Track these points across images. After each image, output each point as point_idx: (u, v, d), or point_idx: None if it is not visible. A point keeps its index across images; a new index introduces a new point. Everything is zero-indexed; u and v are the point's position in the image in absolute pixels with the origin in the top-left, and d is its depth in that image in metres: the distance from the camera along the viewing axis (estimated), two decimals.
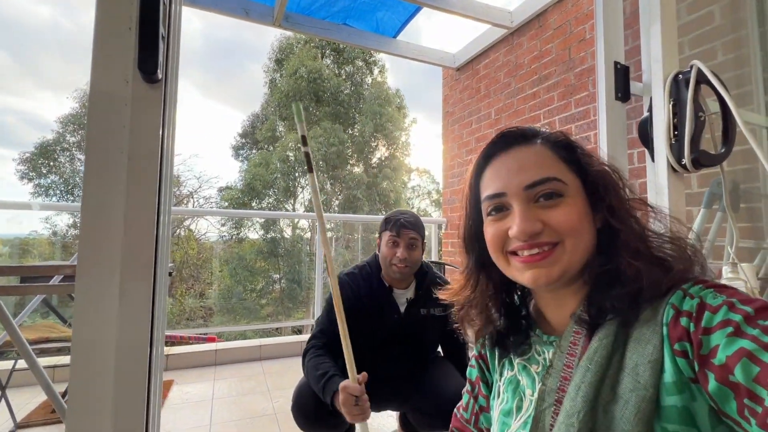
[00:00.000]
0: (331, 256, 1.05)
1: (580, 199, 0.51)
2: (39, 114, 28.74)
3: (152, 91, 0.41)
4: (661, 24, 0.75)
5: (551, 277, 0.49)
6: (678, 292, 0.44)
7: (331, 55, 15.36)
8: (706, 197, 1.13)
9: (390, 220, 1.38)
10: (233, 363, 2.86)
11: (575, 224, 0.49)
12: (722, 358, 0.37)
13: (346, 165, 15.11)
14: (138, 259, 0.44)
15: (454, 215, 3.72)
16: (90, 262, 0.45)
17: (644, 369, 0.42)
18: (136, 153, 0.40)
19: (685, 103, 0.70)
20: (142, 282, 0.46)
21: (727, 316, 0.38)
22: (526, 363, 0.57)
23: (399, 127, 16.02)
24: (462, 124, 3.66)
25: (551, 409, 0.48)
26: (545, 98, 2.75)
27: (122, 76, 0.39)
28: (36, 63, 28.52)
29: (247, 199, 14.00)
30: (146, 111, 0.40)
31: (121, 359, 0.45)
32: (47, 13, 31.01)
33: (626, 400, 0.42)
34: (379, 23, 3.29)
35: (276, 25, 2.93)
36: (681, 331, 0.41)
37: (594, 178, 0.52)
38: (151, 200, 0.42)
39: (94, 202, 0.40)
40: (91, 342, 0.46)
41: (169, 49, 0.43)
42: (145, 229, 0.43)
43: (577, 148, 0.54)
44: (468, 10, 2.87)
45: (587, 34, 2.46)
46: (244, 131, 16.11)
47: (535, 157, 0.52)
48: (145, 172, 0.41)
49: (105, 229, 0.42)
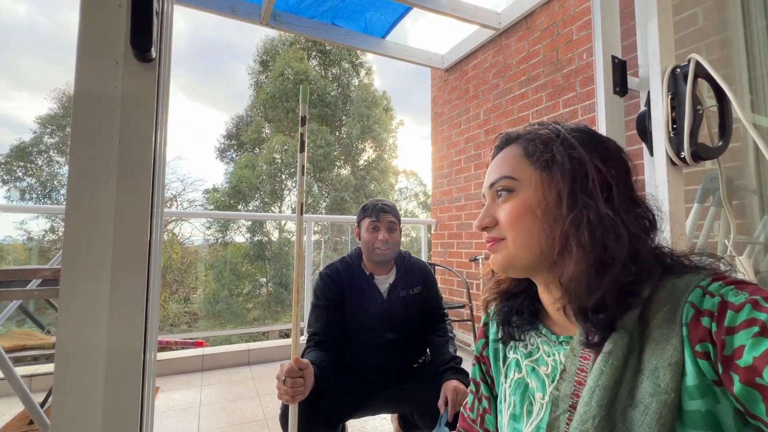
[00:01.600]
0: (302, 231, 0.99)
1: (532, 195, 0.51)
2: (15, 114, 27.82)
3: (146, 70, 0.38)
4: (658, 18, 0.75)
5: (497, 265, 0.55)
6: (697, 289, 0.42)
7: (317, 56, 15.30)
8: (700, 192, 1.15)
9: (368, 207, 1.43)
10: (221, 368, 2.79)
11: (513, 220, 0.52)
12: (749, 360, 0.35)
13: (333, 167, 15.05)
14: (131, 256, 0.40)
15: (443, 216, 3.72)
16: (77, 260, 0.41)
17: (664, 372, 0.40)
18: (128, 138, 0.37)
19: (684, 96, 0.70)
20: (135, 281, 0.42)
21: (751, 315, 0.37)
22: (534, 365, 0.55)
23: (386, 128, 16.04)
24: (451, 124, 3.68)
25: (565, 416, 0.46)
26: (534, 99, 2.78)
27: (111, 56, 0.36)
28: (13, 62, 27.62)
29: (233, 202, 13.80)
30: (139, 92, 0.37)
31: (112, 366, 0.41)
32: (24, 11, 30.09)
33: (646, 406, 0.40)
34: (367, 23, 3.28)
35: (263, 24, 2.89)
36: (703, 332, 0.39)
37: (569, 175, 0.49)
38: (144, 189, 0.39)
39: (81, 192, 0.37)
40: (79, 347, 0.42)
41: (162, 27, 0.40)
42: (138, 222, 0.39)
43: (552, 144, 0.52)
44: (457, 11, 2.89)
45: (574, 35, 2.49)
46: (228, 133, 15.90)
47: (503, 158, 0.56)
48: (139, 158, 0.38)
49: (93, 221, 0.38)
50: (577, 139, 0.51)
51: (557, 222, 0.49)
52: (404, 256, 1.52)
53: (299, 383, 1.00)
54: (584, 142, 0.51)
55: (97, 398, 0.42)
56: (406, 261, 1.50)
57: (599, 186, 0.48)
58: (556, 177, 0.50)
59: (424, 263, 1.55)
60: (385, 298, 1.41)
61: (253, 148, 15.01)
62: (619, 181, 0.50)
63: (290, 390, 0.99)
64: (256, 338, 9.47)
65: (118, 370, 0.42)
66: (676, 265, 0.48)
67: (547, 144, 0.52)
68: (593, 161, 0.50)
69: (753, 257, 1.23)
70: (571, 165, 0.50)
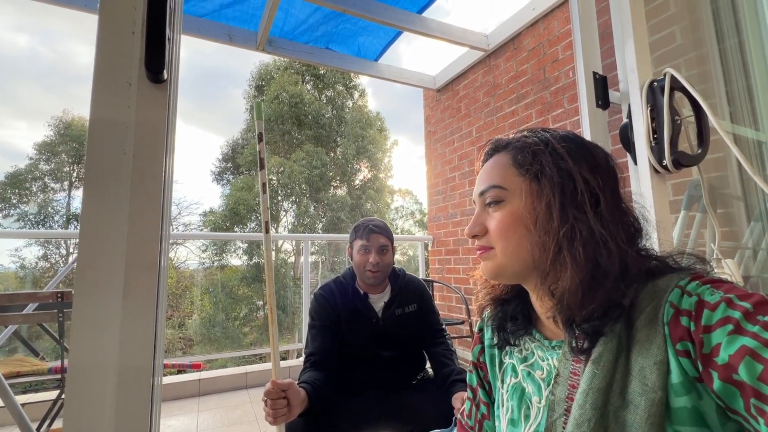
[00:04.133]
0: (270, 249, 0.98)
1: (521, 206, 0.51)
2: (11, 142, 27.94)
3: (158, 91, 0.40)
4: (633, 37, 0.80)
5: (487, 272, 0.56)
6: (676, 289, 0.43)
7: (311, 80, 15.62)
8: (685, 199, 1.18)
9: (359, 228, 1.42)
10: (218, 392, 2.74)
11: (502, 230, 0.53)
12: (725, 357, 0.36)
13: (329, 187, 15.13)
14: (141, 277, 0.41)
15: (440, 232, 3.74)
16: (89, 279, 0.41)
17: (651, 371, 0.41)
18: (141, 153, 0.39)
19: (661, 107, 0.74)
20: (146, 302, 0.43)
21: (726, 314, 0.38)
22: (530, 369, 0.56)
23: (381, 148, 16.25)
24: (444, 142, 3.75)
25: (561, 419, 0.47)
26: (524, 116, 2.86)
27: (125, 79, 0.39)
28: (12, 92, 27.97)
29: (230, 224, 13.77)
30: (152, 111, 0.39)
31: (123, 387, 0.42)
32: (24, 43, 30.66)
33: (636, 405, 0.41)
34: (360, 48, 3.39)
35: (260, 50, 2.98)
36: (682, 331, 0.41)
37: (558, 187, 0.50)
38: (156, 206, 0.40)
39: (95, 209, 0.38)
40: (90, 368, 0.42)
41: (172, 52, 0.43)
42: (149, 239, 0.41)
43: (541, 154, 0.52)
44: (447, 34, 3.00)
45: (560, 54, 2.59)
46: (224, 156, 16.03)
47: (492, 165, 0.57)
48: (151, 174, 0.39)
49: (106, 239, 0.39)
50: (566, 149, 0.52)
51: (548, 234, 0.49)
52: (399, 274, 1.50)
53: (280, 404, 1.00)
54: (573, 152, 0.52)
55: (109, 419, 0.42)
56: (401, 279, 1.49)
57: (588, 198, 0.49)
58: (545, 188, 0.50)
59: (419, 280, 1.54)
60: (380, 317, 1.40)
61: (249, 171, 15.11)
62: (607, 190, 0.50)
63: (271, 411, 0.99)
64: (253, 361, 9.28)
65: (129, 390, 0.43)
66: (659, 267, 0.49)
67: (536, 154, 0.52)
68: (582, 172, 0.50)
69: (743, 263, 1.26)
70: (560, 177, 0.50)
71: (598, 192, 0.50)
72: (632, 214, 0.52)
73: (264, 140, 0.87)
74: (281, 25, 2.95)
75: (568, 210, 0.49)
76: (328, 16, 2.92)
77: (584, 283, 0.46)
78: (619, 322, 0.45)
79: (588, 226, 0.48)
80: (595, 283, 0.46)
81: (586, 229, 0.48)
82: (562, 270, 0.48)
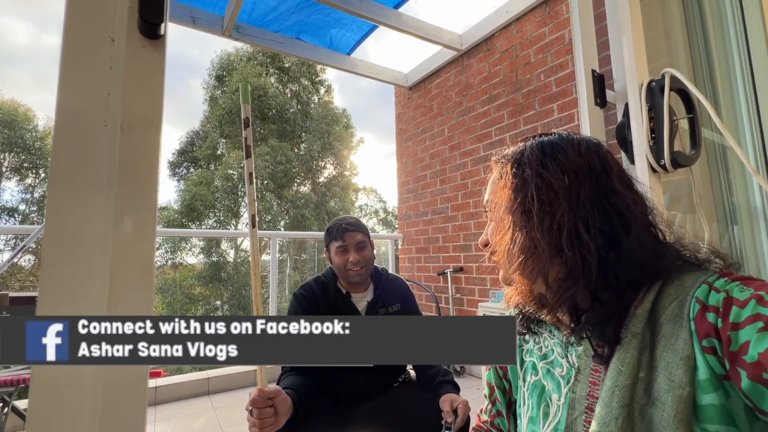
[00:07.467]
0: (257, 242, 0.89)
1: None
2: None
3: (153, 49, 0.31)
4: (632, 34, 0.80)
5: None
6: (703, 285, 0.42)
7: (275, 73, 15.17)
8: (666, 200, 1.22)
9: (332, 229, 1.37)
10: (177, 400, 2.56)
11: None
12: (754, 355, 0.35)
13: (293, 184, 14.80)
14: (133, 284, 0.34)
15: (410, 230, 3.74)
16: (59, 289, 0.33)
17: (677, 366, 0.40)
18: (131, 125, 0.30)
19: (661, 108, 0.75)
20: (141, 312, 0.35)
21: (756, 311, 0.37)
22: (549, 367, 0.55)
23: (347, 146, 16.10)
24: (416, 141, 3.74)
25: (582, 417, 0.46)
26: (495, 116, 2.90)
27: (106, 33, 0.30)
28: None
29: (186, 221, 13.08)
30: (146, 73, 0.30)
31: (108, 399, 0.34)
32: None
33: (663, 402, 0.40)
34: (333, 40, 3.30)
35: (226, 35, 2.81)
36: (708, 327, 0.40)
37: (535, 198, 0.49)
38: (151, 191, 0.32)
39: (66, 195, 0.30)
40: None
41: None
42: (143, 238, 0.33)
43: (515, 165, 0.52)
44: (421, 31, 2.98)
45: (532, 58, 2.65)
46: (182, 148, 15.20)
47: (490, 180, 0.59)
48: (144, 146, 0.31)
49: (83, 238, 0.31)
50: (538, 158, 0.51)
51: (510, 245, 0.51)
52: (381, 272, 1.48)
53: (267, 413, 0.94)
54: (544, 160, 0.50)
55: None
56: (383, 278, 1.46)
57: (540, 206, 0.48)
58: (524, 201, 0.49)
59: (402, 279, 1.52)
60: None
61: (208, 164, 14.44)
62: (582, 191, 0.48)
63: (258, 421, 0.93)
64: (212, 366, 8.89)
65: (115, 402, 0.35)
66: (684, 262, 0.48)
67: (512, 166, 0.53)
68: (555, 178, 0.48)
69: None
70: (517, 185, 0.51)
71: (564, 192, 0.47)
72: (620, 209, 0.48)
73: (251, 126, 0.78)
74: (249, 11, 2.79)
75: (520, 218, 0.50)
76: (300, 4, 2.80)
77: (552, 289, 0.48)
78: (643, 314, 0.44)
79: (534, 236, 0.48)
80: (602, 290, 0.46)
81: (532, 239, 0.48)
82: (560, 264, 0.48)
